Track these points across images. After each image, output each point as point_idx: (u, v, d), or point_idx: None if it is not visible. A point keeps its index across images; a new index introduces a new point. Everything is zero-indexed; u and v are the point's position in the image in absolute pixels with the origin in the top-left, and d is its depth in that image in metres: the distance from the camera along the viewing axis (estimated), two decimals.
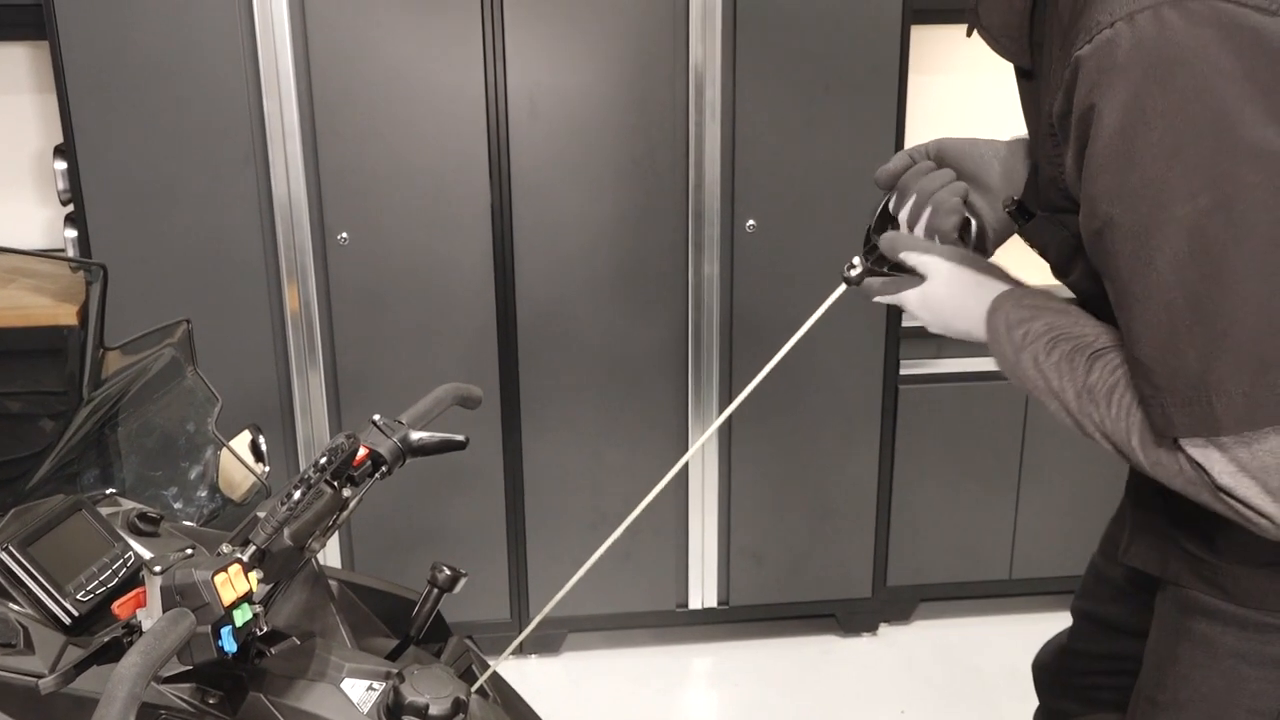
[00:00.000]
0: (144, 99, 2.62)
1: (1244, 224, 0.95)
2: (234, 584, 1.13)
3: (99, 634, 1.19)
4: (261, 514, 1.23)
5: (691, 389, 2.96)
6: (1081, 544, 1.71)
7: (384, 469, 1.50)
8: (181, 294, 2.72)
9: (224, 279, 2.76)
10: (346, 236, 2.76)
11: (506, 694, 1.59)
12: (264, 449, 1.89)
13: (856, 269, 1.45)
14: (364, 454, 1.47)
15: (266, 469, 1.88)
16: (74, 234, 2.72)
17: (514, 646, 1.68)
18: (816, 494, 3.10)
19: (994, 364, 1.26)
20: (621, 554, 1.54)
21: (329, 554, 2.96)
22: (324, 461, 1.29)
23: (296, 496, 1.23)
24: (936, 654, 3.17)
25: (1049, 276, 1.36)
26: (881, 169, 1.44)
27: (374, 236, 2.77)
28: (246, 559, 1.17)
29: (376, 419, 1.53)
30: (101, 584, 1.37)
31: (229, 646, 1.12)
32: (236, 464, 1.84)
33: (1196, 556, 1.24)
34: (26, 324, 2.22)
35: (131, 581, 1.36)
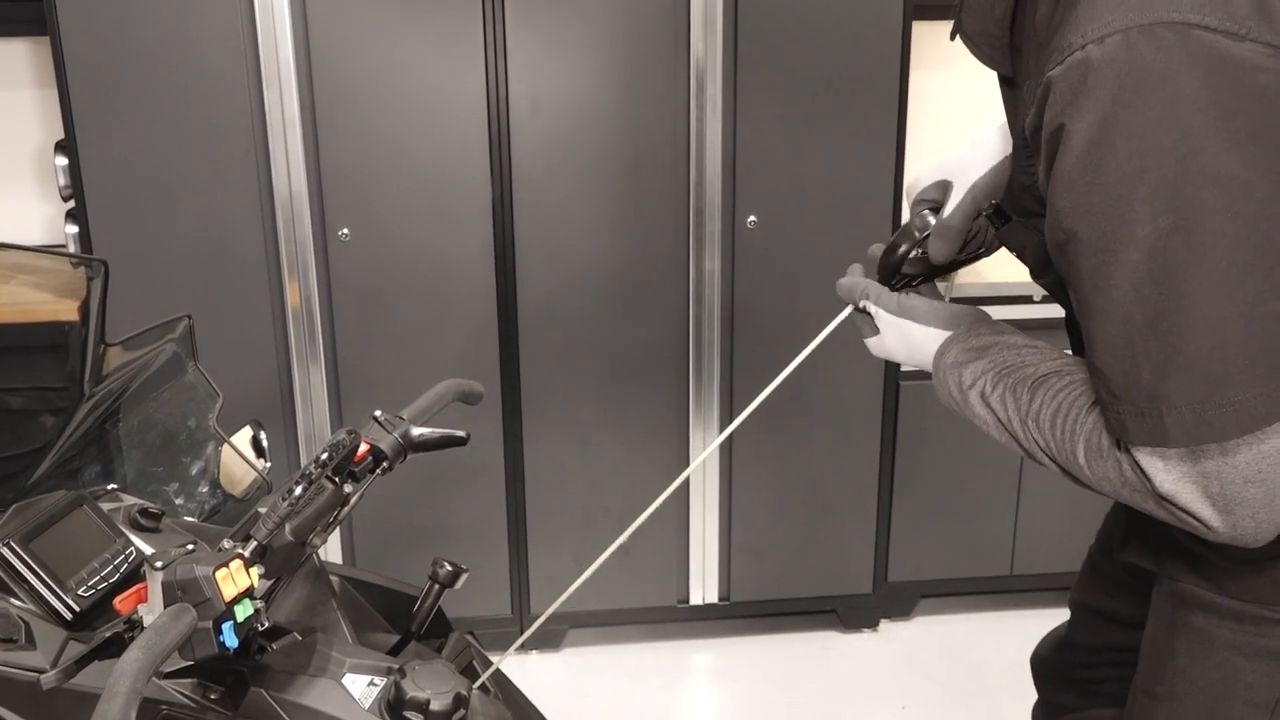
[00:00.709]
0: (145, 94, 2.62)
1: (1202, 247, 0.98)
2: (235, 579, 1.13)
3: (100, 629, 1.19)
4: (263, 510, 1.23)
5: (692, 385, 2.96)
6: (1082, 540, 1.71)
7: (385, 465, 1.50)
8: (182, 290, 2.72)
9: (225, 274, 2.76)
10: (347, 232, 2.76)
11: (508, 690, 1.59)
12: (265, 445, 1.89)
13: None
14: (365, 450, 1.47)
15: (268, 465, 1.88)
16: (75, 230, 2.72)
17: (517, 646, 1.68)
18: (817, 490, 3.10)
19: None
20: (622, 550, 1.54)
21: (330, 550, 2.96)
22: (325, 457, 1.29)
23: (298, 492, 1.23)
24: (937, 650, 3.17)
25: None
26: (936, 252, 1.41)
27: (375, 232, 2.77)
28: (248, 554, 1.17)
29: (378, 415, 1.53)
30: (103, 579, 1.37)
31: (230, 642, 1.12)
32: (238, 459, 1.84)
33: (1192, 551, 1.25)
34: (28, 320, 2.22)
35: (133, 577, 1.36)
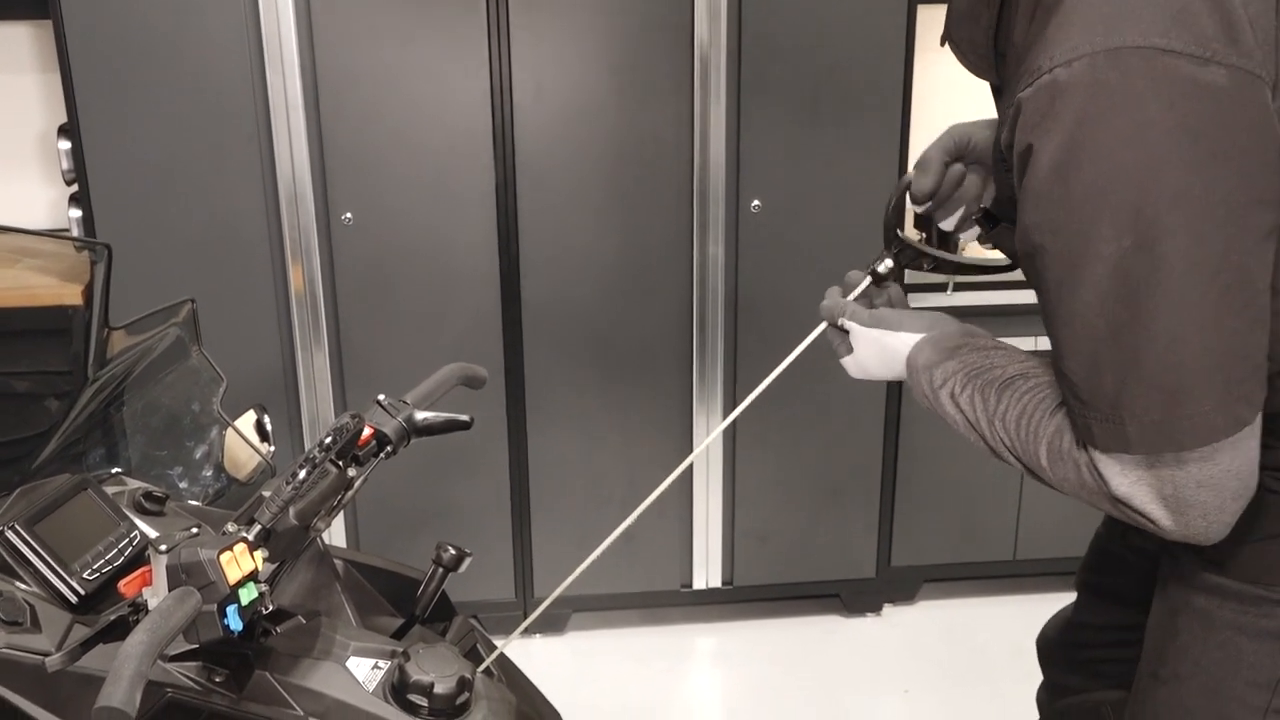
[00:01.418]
0: (148, 78, 2.62)
1: (1163, 267, 1.01)
2: (239, 563, 1.13)
3: (105, 612, 1.19)
4: (267, 493, 1.23)
5: (696, 370, 2.96)
6: (1086, 525, 1.71)
7: (389, 449, 1.50)
8: (186, 274, 2.72)
9: (228, 259, 2.76)
10: (351, 217, 2.75)
11: (511, 673, 1.59)
12: (269, 429, 1.89)
13: (887, 264, 1.45)
14: (369, 434, 1.47)
15: (271, 449, 1.88)
16: (78, 214, 2.72)
17: (521, 629, 1.68)
18: (821, 474, 3.10)
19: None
20: (626, 535, 1.55)
21: (334, 533, 2.97)
22: (329, 441, 1.29)
23: (301, 476, 1.23)
24: (940, 634, 3.18)
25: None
26: (918, 185, 1.46)
27: (378, 217, 2.77)
28: (252, 538, 1.17)
29: (381, 399, 1.53)
30: (107, 563, 1.37)
31: (235, 625, 1.12)
32: (241, 443, 1.84)
33: None
34: (32, 304, 2.22)
35: (137, 560, 1.37)
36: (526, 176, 2.78)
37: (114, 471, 1.63)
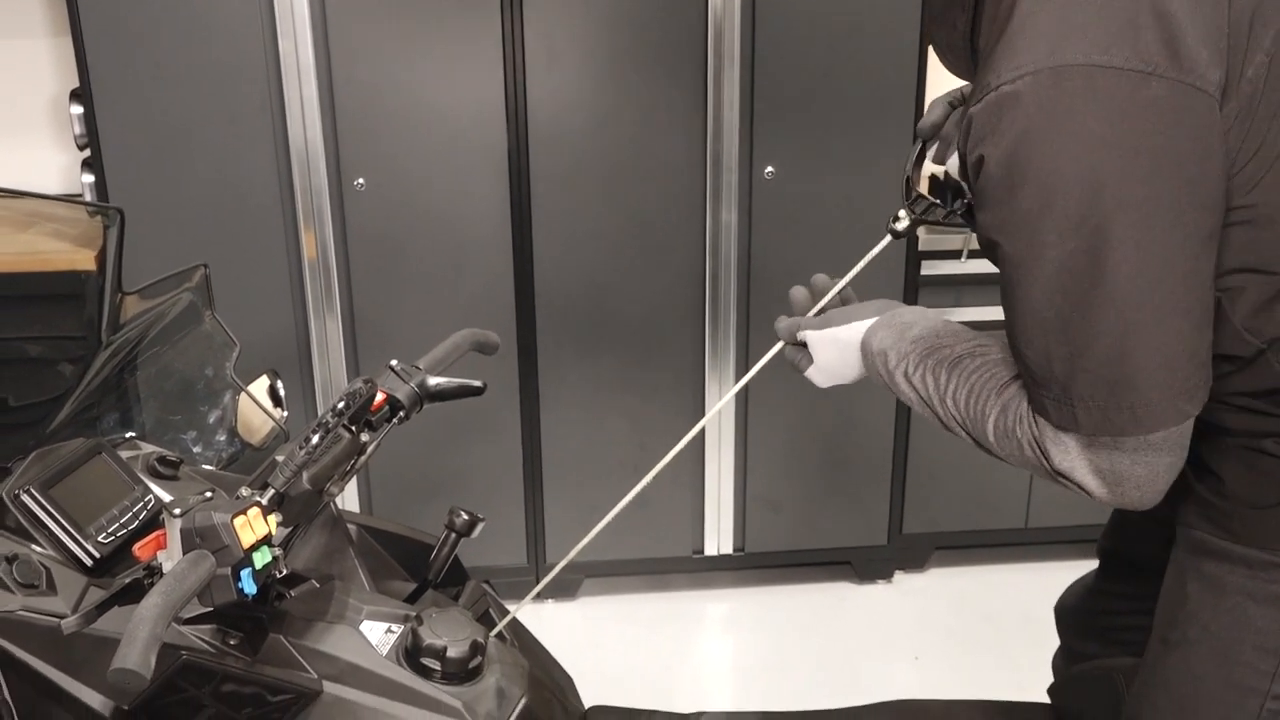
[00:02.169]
0: (159, 43, 2.61)
1: (1106, 270, 1.08)
2: (253, 527, 1.14)
3: (120, 576, 1.19)
4: (280, 458, 1.24)
5: (708, 337, 2.95)
6: None
7: (401, 414, 1.50)
8: (199, 239, 2.72)
9: (241, 224, 2.75)
10: (363, 182, 2.75)
11: (524, 638, 1.60)
12: (282, 394, 1.90)
13: (903, 221, 1.47)
14: (382, 399, 1.47)
15: (285, 414, 1.89)
16: (91, 179, 2.72)
17: (534, 594, 1.69)
18: (833, 442, 3.10)
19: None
20: (637, 500, 1.56)
21: (347, 499, 2.98)
22: (342, 406, 1.29)
23: (315, 441, 1.23)
24: (951, 602, 3.18)
25: None
26: (923, 120, 1.50)
27: (391, 182, 2.76)
28: (265, 502, 1.18)
29: (394, 364, 1.53)
30: (122, 526, 1.38)
31: (249, 589, 1.13)
32: (255, 408, 1.84)
33: (1207, 500, 1.28)
34: (45, 269, 2.22)
35: (152, 524, 1.37)
36: (539, 142, 2.77)
37: (128, 436, 1.64)
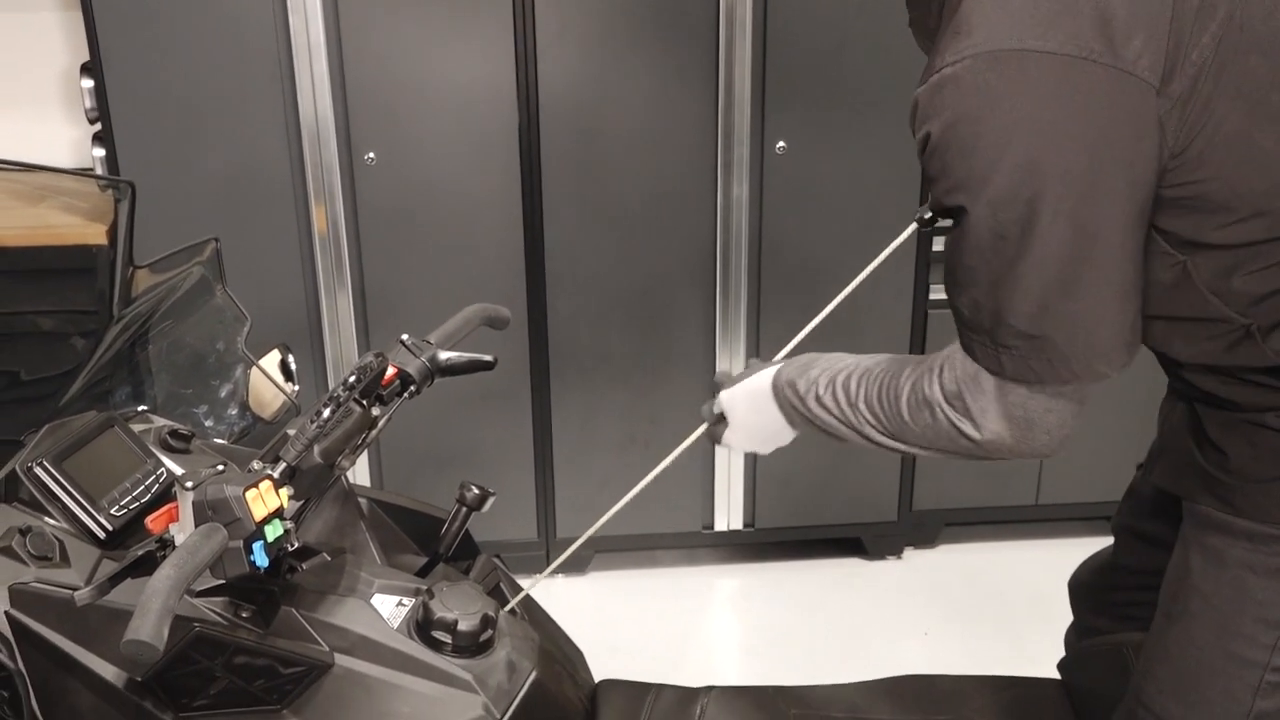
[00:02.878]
0: (170, 17, 2.60)
1: (1035, 236, 1.14)
2: (265, 500, 1.14)
3: (133, 548, 1.20)
4: (291, 432, 1.24)
5: (719, 311, 2.95)
6: (1107, 471, 1.71)
7: (412, 388, 1.50)
8: (210, 213, 2.72)
9: (252, 198, 2.75)
10: (374, 157, 2.74)
11: (534, 612, 1.61)
12: (293, 368, 1.90)
13: (930, 211, 1.46)
14: (393, 373, 1.47)
15: (296, 388, 1.89)
16: (102, 153, 2.72)
17: (548, 572, 1.69)
18: None
19: None
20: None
21: (358, 473, 2.99)
22: (353, 380, 1.29)
23: (326, 415, 1.23)
24: (961, 578, 3.19)
25: None
26: None
27: (401, 156, 2.76)
28: (277, 475, 1.18)
29: (405, 339, 1.53)
30: (135, 499, 1.38)
31: (261, 561, 1.13)
32: (266, 382, 1.85)
33: (1211, 475, 1.30)
34: (57, 243, 2.22)
35: (164, 497, 1.38)
36: (550, 116, 2.76)
37: (140, 409, 1.64)
